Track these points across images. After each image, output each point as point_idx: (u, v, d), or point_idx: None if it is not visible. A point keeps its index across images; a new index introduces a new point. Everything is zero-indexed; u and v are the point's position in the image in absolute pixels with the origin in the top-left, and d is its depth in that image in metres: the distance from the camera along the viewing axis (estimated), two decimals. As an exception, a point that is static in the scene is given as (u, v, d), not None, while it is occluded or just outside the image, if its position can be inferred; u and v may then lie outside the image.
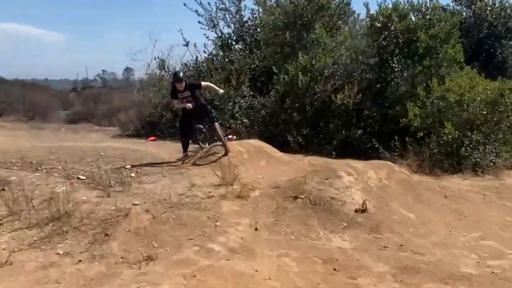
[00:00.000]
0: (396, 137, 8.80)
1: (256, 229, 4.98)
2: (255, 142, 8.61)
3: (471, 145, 7.81)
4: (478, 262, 4.41)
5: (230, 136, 8.50)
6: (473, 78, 8.42)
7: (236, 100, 11.57)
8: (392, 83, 9.96)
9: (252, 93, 11.76)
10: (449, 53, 9.21)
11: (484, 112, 7.92)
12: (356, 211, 5.22)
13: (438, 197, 6.13)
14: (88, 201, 5.34)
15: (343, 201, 5.39)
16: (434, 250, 4.62)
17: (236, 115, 11.50)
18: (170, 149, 10.27)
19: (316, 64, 9.36)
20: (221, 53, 13.63)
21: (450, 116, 8.40)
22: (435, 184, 6.68)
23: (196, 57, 13.67)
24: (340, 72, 9.76)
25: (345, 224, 5.04)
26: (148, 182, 6.57)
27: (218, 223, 5.00)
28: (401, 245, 4.67)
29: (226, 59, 13.19)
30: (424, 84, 9.43)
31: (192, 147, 9.11)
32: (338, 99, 9.03)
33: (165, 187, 6.26)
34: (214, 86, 8.33)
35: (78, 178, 6.65)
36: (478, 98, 7.91)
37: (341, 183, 5.66)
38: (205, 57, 13.38)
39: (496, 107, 7.88)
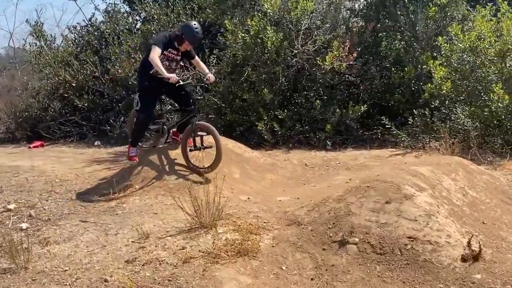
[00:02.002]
0: (415, 111, 7.29)
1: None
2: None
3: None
4: None
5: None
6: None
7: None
8: (391, 33, 8.42)
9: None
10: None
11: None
12: (464, 259, 3.51)
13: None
14: None
15: (432, 242, 3.65)
16: None
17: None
18: (71, 160, 7.87)
19: (289, 13, 7.44)
20: (127, 8, 11.17)
21: (483, 74, 7.02)
22: (505, 181, 5.22)
23: (91, 16, 11.03)
24: (317, 23, 7.93)
25: (456, 289, 3.32)
26: (60, 240, 4.40)
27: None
28: None
29: (137, 17, 10.86)
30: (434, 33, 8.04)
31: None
32: (327, 62, 7.23)
33: (95, 247, 4.14)
34: (203, 65, 6.17)
35: None
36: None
37: (416, 208, 3.92)
38: (105, 15, 10.79)
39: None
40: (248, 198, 5.35)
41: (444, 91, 7.02)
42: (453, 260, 3.50)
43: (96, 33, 10.57)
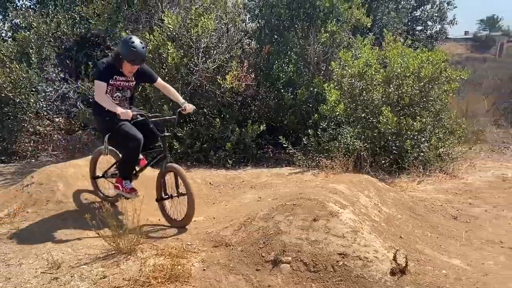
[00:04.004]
0: (310, 131, 7.60)
1: None
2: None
3: (412, 136, 7.10)
4: None
5: None
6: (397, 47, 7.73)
7: (40, 87, 8.69)
8: (282, 56, 8.70)
9: (63, 76, 9.12)
10: (355, 16, 8.39)
11: (418, 92, 7.31)
12: (392, 273, 3.66)
13: (447, 220, 5.08)
14: None
15: (362, 257, 3.75)
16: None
17: (42, 111, 8.69)
18: None
19: (188, 31, 7.28)
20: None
21: (370, 99, 7.56)
22: (407, 197, 5.63)
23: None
24: (214, 42, 7.90)
25: (392, 303, 3.44)
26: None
27: None
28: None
29: (9, 24, 9.93)
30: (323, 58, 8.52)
31: None
32: (227, 82, 7.21)
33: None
34: (174, 91, 5.06)
35: None
36: (411, 71, 7.23)
37: (342, 225, 4.01)
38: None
39: (431, 86, 7.35)
40: (159, 219, 5.07)
41: (337, 113, 7.41)
42: (383, 274, 3.62)
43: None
